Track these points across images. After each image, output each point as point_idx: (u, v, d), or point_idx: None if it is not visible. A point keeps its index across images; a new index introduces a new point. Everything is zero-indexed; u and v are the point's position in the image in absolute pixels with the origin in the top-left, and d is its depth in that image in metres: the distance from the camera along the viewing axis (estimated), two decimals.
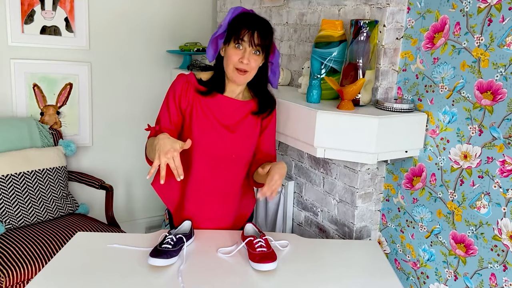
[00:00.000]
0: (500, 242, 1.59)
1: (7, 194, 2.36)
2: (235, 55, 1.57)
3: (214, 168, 1.68)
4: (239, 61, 1.56)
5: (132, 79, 3.11)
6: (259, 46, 1.57)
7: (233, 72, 1.59)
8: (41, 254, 2.20)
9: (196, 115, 1.64)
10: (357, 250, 1.73)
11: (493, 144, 1.59)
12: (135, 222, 3.33)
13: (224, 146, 1.66)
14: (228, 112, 1.66)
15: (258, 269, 1.47)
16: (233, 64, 1.58)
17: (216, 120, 1.64)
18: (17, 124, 2.57)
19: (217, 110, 1.65)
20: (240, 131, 1.67)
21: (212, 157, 1.67)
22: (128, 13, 3.01)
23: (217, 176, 1.70)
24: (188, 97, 1.64)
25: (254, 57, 1.58)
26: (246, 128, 1.68)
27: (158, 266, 1.45)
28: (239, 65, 1.57)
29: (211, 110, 1.64)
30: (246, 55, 1.56)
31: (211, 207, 1.74)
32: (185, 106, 1.64)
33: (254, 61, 1.58)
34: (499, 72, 1.55)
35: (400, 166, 1.96)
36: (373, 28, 1.78)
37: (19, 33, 2.68)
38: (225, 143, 1.66)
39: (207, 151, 1.66)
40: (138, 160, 3.21)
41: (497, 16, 1.54)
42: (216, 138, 1.65)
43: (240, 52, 1.57)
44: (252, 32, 1.55)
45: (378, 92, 1.92)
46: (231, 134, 1.66)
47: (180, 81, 1.65)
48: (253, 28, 1.56)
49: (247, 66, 1.57)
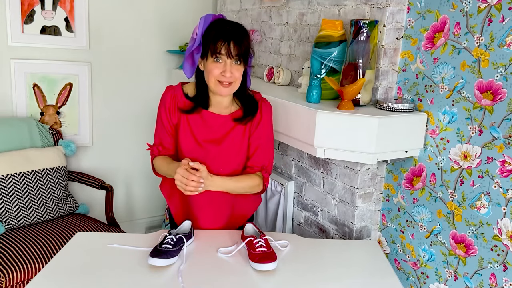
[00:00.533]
0: (500, 242, 1.59)
1: (7, 194, 2.36)
2: (216, 69, 1.53)
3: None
4: (221, 75, 1.53)
5: (132, 79, 3.11)
6: (237, 56, 1.53)
7: (215, 85, 1.56)
8: (41, 254, 2.20)
9: (183, 132, 1.64)
10: (357, 250, 1.73)
11: (493, 144, 1.59)
12: (135, 222, 3.33)
13: (211, 161, 1.64)
14: (214, 127, 1.65)
15: (258, 269, 1.47)
16: (215, 78, 1.55)
17: (201, 136, 1.64)
18: (17, 124, 2.57)
19: (202, 126, 1.64)
20: (226, 144, 1.66)
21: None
22: (128, 13, 3.01)
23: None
24: (176, 112, 1.65)
25: (236, 67, 1.55)
26: (233, 139, 1.67)
27: (158, 266, 1.45)
28: (221, 78, 1.54)
29: (197, 126, 1.64)
30: (228, 68, 1.53)
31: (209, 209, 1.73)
32: (176, 120, 1.66)
33: (236, 70, 1.55)
34: (499, 72, 1.55)
35: (400, 166, 1.96)
36: (373, 28, 1.78)
37: (19, 33, 2.68)
38: (211, 159, 1.65)
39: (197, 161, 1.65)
40: (138, 160, 3.21)
41: (497, 16, 1.54)
42: (202, 154, 1.64)
43: (220, 65, 1.53)
44: (228, 43, 1.51)
45: (378, 92, 1.92)
46: (217, 148, 1.65)
47: (168, 95, 1.66)
48: (228, 39, 1.51)
49: (230, 78, 1.54)
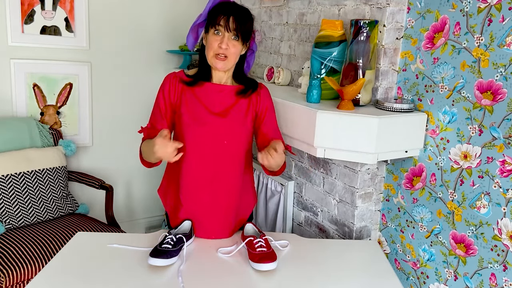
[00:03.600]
0: (500, 242, 1.59)
1: (7, 194, 2.36)
2: (215, 41, 1.61)
3: (208, 156, 1.65)
4: (218, 47, 1.60)
5: (132, 79, 3.11)
6: (235, 30, 1.60)
7: (212, 58, 1.63)
8: (41, 254, 2.20)
9: (186, 105, 1.67)
10: (357, 250, 1.73)
11: (493, 144, 1.59)
12: (135, 222, 3.33)
13: (215, 132, 1.66)
14: (216, 98, 1.68)
15: (258, 269, 1.47)
16: (213, 51, 1.61)
17: (205, 108, 1.66)
18: (17, 124, 2.57)
19: (205, 98, 1.67)
20: (230, 116, 1.68)
21: (205, 145, 1.65)
22: (128, 13, 3.01)
23: (210, 167, 1.66)
24: (176, 90, 1.68)
25: (233, 42, 1.61)
26: (237, 113, 1.69)
27: (158, 266, 1.45)
28: (218, 51, 1.61)
29: (200, 98, 1.67)
30: (225, 40, 1.60)
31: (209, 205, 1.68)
32: (175, 99, 1.69)
33: (233, 46, 1.62)
34: (499, 72, 1.55)
35: (400, 166, 1.96)
36: (373, 28, 1.78)
37: (19, 33, 2.68)
38: (216, 129, 1.66)
39: (199, 139, 1.65)
40: (138, 160, 3.19)
41: (497, 16, 1.54)
42: (207, 124, 1.65)
43: (219, 38, 1.61)
44: (227, 17, 1.59)
45: (378, 92, 1.92)
46: (221, 120, 1.66)
47: (168, 77, 1.72)
48: (228, 14, 1.60)
49: (226, 51, 1.60)
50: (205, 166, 1.67)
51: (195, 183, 1.68)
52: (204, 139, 1.65)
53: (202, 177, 1.67)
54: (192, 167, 1.67)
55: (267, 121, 1.74)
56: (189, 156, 1.66)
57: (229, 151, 1.67)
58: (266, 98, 1.75)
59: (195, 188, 1.68)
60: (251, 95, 1.71)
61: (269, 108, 1.76)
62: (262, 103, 1.74)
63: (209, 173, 1.67)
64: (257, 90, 1.73)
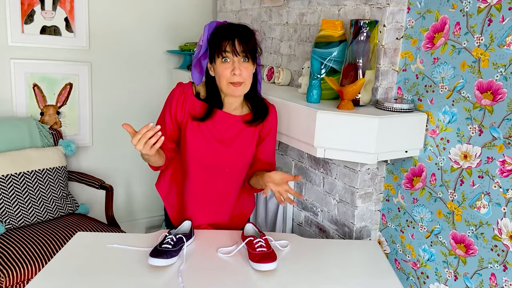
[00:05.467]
0: (500, 242, 1.59)
1: (7, 194, 2.36)
2: (225, 70, 1.53)
3: (209, 178, 1.70)
4: (231, 74, 1.53)
5: (132, 79, 3.11)
6: (243, 52, 1.53)
7: (228, 87, 1.56)
8: (41, 254, 2.20)
9: (191, 129, 1.63)
10: (357, 250, 1.73)
11: (493, 144, 1.59)
12: (135, 222, 3.33)
13: (218, 160, 1.66)
14: (223, 127, 1.65)
15: (258, 269, 1.47)
16: (226, 80, 1.54)
17: (210, 135, 1.64)
18: (17, 124, 2.57)
19: (212, 125, 1.63)
20: (235, 146, 1.67)
21: (207, 168, 1.68)
22: (128, 13, 3.01)
23: (212, 185, 1.72)
24: (184, 109, 1.62)
25: (244, 65, 1.55)
26: (243, 142, 1.68)
27: (158, 266, 1.45)
28: (232, 79, 1.53)
29: (206, 125, 1.63)
30: (237, 66, 1.52)
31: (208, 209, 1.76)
32: (181, 118, 1.64)
33: (245, 69, 1.55)
34: (499, 72, 1.55)
35: (400, 166, 1.96)
36: (373, 28, 1.78)
37: (19, 33, 2.68)
38: (219, 158, 1.66)
39: (201, 163, 1.67)
40: (138, 160, 3.19)
41: (497, 16, 1.54)
42: (210, 152, 1.65)
43: (229, 65, 1.53)
44: (232, 41, 1.52)
45: (378, 92, 1.92)
46: (226, 149, 1.66)
47: (176, 92, 1.64)
48: (232, 37, 1.52)
49: (240, 78, 1.54)
50: (207, 183, 1.72)
51: (198, 196, 1.73)
52: (206, 164, 1.67)
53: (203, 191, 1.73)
54: (196, 183, 1.72)
55: (267, 142, 1.74)
56: (191, 175, 1.70)
57: (230, 175, 1.72)
58: (272, 122, 1.74)
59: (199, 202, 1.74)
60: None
61: (273, 129, 1.75)
62: (267, 127, 1.73)
63: (210, 189, 1.72)
64: (269, 116, 1.71)
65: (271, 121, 1.74)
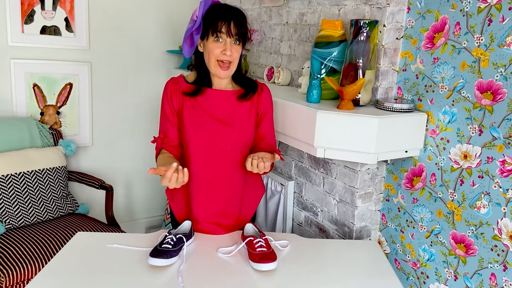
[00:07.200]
0: (500, 242, 1.59)
1: (7, 194, 2.36)
2: (216, 48, 1.59)
3: (212, 162, 1.69)
4: (221, 53, 1.59)
5: (132, 79, 3.11)
6: (236, 35, 1.59)
7: (215, 66, 1.61)
8: (41, 254, 2.20)
9: (188, 113, 1.66)
10: (357, 250, 1.73)
11: (493, 144, 1.59)
12: (135, 222, 3.33)
13: (218, 139, 1.66)
14: (218, 105, 1.67)
15: (258, 269, 1.47)
16: (215, 57, 1.60)
17: (207, 114, 1.66)
18: (17, 124, 2.57)
19: (206, 104, 1.66)
20: (233, 123, 1.68)
21: (208, 151, 1.67)
22: (128, 13, 3.01)
23: (216, 170, 1.70)
24: (178, 97, 1.68)
25: (235, 47, 1.61)
26: (240, 118, 1.69)
27: (158, 266, 1.45)
28: (222, 57, 1.59)
29: (201, 104, 1.66)
30: (228, 46, 1.58)
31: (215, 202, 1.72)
32: (177, 106, 1.68)
33: (235, 51, 1.61)
34: (499, 72, 1.55)
35: (400, 166, 1.96)
36: (373, 28, 1.78)
37: (19, 33, 2.68)
38: (219, 136, 1.66)
39: (202, 145, 1.67)
40: (138, 160, 3.21)
41: (497, 16, 1.54)
42: (209, 132, 1.66)
43: (221, 44, 1.59)
44: (228, 22, 1.57)
45: (378, 92, 1.92)
46: (224, 126, 1.66)
47: (169, 83, 1.70)
48: (228, 19, 1.58)
49: (230, 57, 1.59)
50: (210, 169, 1.70)
51: (201, 186, 1.71)
52: (206, 144, 1.67)
53: (208, 179, 1.70)
54: (198, 171, 1.70)
55: (265, 121, 1.75)
56: (193, 160, 1.69)
57: (232, 155, 1.70)
58: (267, 99, 1.76)
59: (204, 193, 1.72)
60: (253, 96, 1.72)
61: (269, 109, 1.76)
62: (263, 104, 1.74)
63: (214, 175, 1.70)
64: (258, 91, 1.73)
65: (266, 98, 1.75)
